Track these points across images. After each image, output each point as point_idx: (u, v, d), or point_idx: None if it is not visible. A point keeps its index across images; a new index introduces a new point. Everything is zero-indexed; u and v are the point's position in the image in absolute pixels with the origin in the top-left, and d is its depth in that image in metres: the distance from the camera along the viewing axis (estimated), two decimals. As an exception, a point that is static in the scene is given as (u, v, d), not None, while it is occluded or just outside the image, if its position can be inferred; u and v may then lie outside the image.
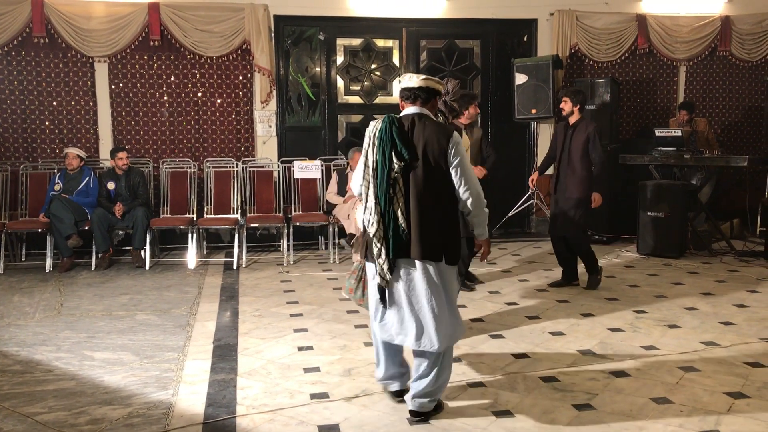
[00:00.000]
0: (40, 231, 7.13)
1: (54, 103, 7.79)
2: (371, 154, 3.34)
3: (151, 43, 7.79)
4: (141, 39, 7.78)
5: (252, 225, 7.55)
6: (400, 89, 3.47)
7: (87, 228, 7.07)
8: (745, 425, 3.34)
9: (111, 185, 7.28)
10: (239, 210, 7.75)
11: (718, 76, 9.18)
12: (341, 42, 8.62)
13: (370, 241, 3.35)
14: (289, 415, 3.48)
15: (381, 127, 3.32)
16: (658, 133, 7.79)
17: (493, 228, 7.67)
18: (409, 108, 3.42)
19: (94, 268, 7.01)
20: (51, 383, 3.93)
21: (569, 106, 5.96)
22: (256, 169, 7.98)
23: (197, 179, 7.86)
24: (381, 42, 8.73)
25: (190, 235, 7.26)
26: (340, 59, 8.63)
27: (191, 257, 7.19)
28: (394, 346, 3.53)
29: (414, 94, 3.39)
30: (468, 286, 5.98)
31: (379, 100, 8.76)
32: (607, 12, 8.71)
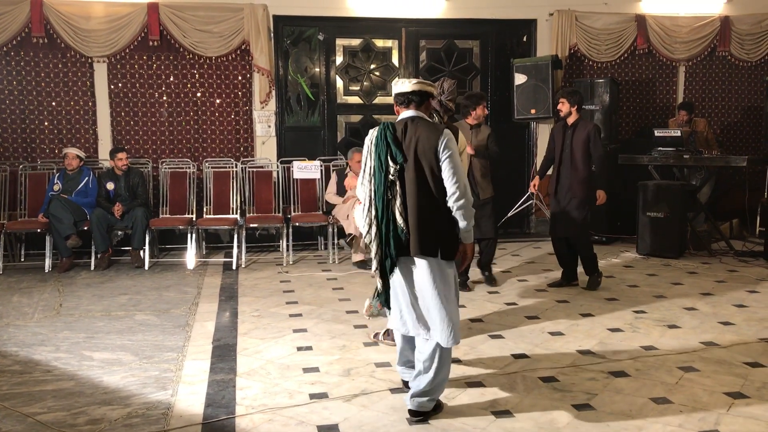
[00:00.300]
0: (39, 231, 7.13)
1: (53, 104, 7.79)
2: (369, 161, 3.48)
3: (151, 44, 7.79)
4: (140, 39, 7.78)
5: (251, 225, 7.55)
6: (393, 95, 3.58)
7: (86, 228, 7.06)
8: (745, 425, 3.34)
9: (110, 185, 7.28)
10: (238, 210, 7.75)
11: (717, 76, 9.18)
12: (340, 42, 8.62)
13: (369, 243, 3.48)
14: (289, 415, 3.48)
15: (377, 134, 3.46)
16: (657, 134, 7.79)
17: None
18: (404, 112, 3.53)
19: (93, 268, 7.01)
20: (50, 383, 3.93)
21: (566, 106, 5.96)
22: (255, 170, 7.97)
23: (196, 179, 7.86)
24: (380, 42, 8.73)
25: (189, 236, 7.26)
26: (339, 59, 8.63)
27: (190, 257, 7.19)
28: (414, 344, 3.59)
29: (407, 98, 3.50)
30: (468, 287, 5.99)
31: (379, 100, 8.76)
32: (607, 12, 8.71)
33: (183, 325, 5.06)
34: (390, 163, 3.38)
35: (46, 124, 7.80)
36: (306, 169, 7.66)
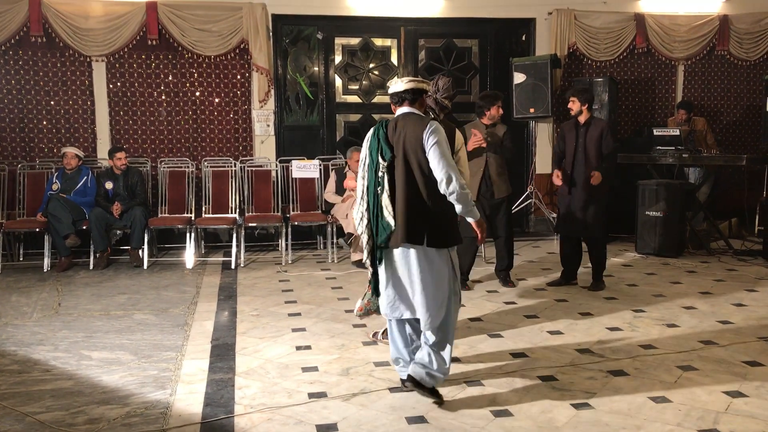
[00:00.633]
0: (37, 230, 7.13)
1: (51, 103, 7.78)
2: (366, 158, 3.67)
3: (149, 43, 7.79)
4: (139, 38, 7.77)
5: (250, 224, 7.54)
6: (390, 95, 3.74)
7: (85, 227, 7.06)
8: (744, 424, 3.34)
9: (109, 185, 7.27)
10: (237, 209, 7.75)
11: (716, 75, 9.18)
12: (339, 41, 8.61)
13: (362, 234, 3.68)
14: (287, 415, 3.48)
15: (371, 132, 3.66)
16: (656, 133, 7.79)
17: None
18: (398, 110, 3.70)
19: (92, 267, 7.00)
20: (48, 383, 3.93)
21: (577, 105, 5.87)
22: (254, 169, 7.97)
23: (195, 179, 7.86)
24: (379, 41, 8.73)
25: (188, 235, 7.26)
26: (338, 58, 8.62)
27: (189, 257, 7.19)
28: (404, 329, 3.75)
29: (400, 97, 3.67)
30: (467, 286, 5.98)
31: (378, 99, 8.76)
32: (606, 11, 8.71)
33: (182, 325, 5.05)
34: (380, 159, 3.57)
35: (44, 123, 7.80)
36: (305, 169, 7.66)
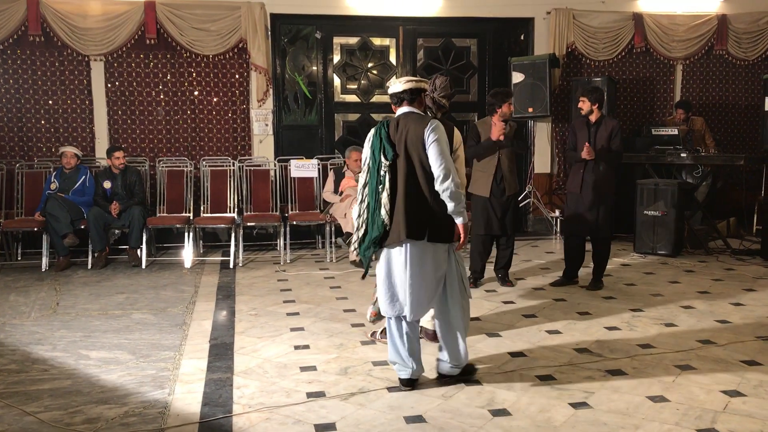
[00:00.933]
0: (36, 230, 7.13)
1: (50, 102, 7.77)
2: (368, 157, 3.74)
3: (148, 42, 7.78)
4: (137, 37, 7.77)
5: (248, 224, 7.54)
6: (389, 95, 3.83)
7: (83, 227, 7.05)
8: (742, 423, 3.34)
9: (107, 184, 7.26)
10: (236, 209, 7.74)
11: (714, 74, 9.19)
12: (338, 40, 8.61)
13: (358, 228, 3.76)
14: (286, 414, 3.48)
15: (373, 132, 3.73)
16: (654, 132, 7.79)
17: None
18: (398, 110, 3.78)
19: (90, 267, 6.99)
20: (47, 382, 3.92)
21: (587, 105, 5.86)
22: (252, 168, 7.97)
23: (194, 178, 7.85)
24: (378, 40, 8.72)
25: (186, 234, 7.25)
26: (336, 58, 8.62)
27: (187, 256, 7.18)
28: (401, 327, 3.77)
29: (399, 97, 3.75)
30: (479, 283, 6.05)
31: (376, 98, 8.76)
32: (604, 11, 8.71)
33: (180, 324, 5.05)
34: (381, 159, 3.64)
35: (42, 122, 7.79)
36: (303, 168, 7.66)
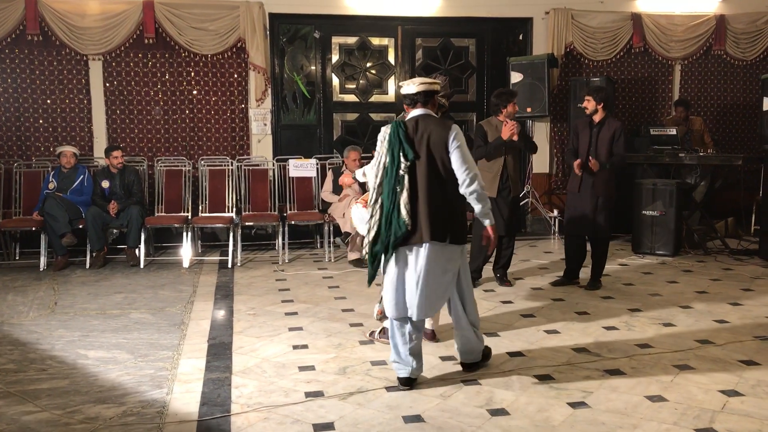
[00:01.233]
0: (34, 229, 7.11)
1: (48, 102, 7.76)
2: (382, 157, 3.74)
3: (146, 41, 7.77)
4: (135, 37, 7.76)
5: (247, 223, 7.54)
6: (402, 96, 3.89)
7: (81, 226, 7.04)
8: (740, 423, 3.34)
9: (105, 184, 7.26)
10: (234, 208, 7.74)
11: (713, 74, 9.20)
12: (336, 40, 8.61)
13: (370, 229, 3.76)
14: (284, 414, 3.48)
15: (390, 132, 3.73)
16: (653, 132, 7.79)
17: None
18: (412, 111, 3.83)
19: (88, 266, 6.99)
20: (45, 382, 3.92)
21: (592, 104, 5.80)
22: (251, 168, 7.96)
23: (192, 178, 7.84)
24: (376, 40, 8.72)
25: (184, 234, 7.25)
26: (335, 57, 8.62)
27: (186, 256, 7.18)
28: (404, 327, 3.80)
29: (413, 99, 3.81)
30: (477, 283, 6.03)
31: (375, 98, 8.76)
32: (603, 11, 8.72)
33: (178, 324, 5.05)
34: (401, 159, 3.65)
35: (41, 122, 7.78)
36: (302, 168, 7.66)
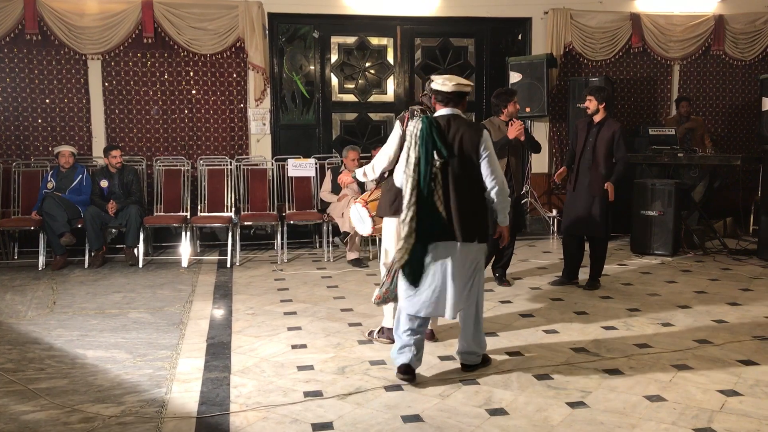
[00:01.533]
0: (32, 229, 7.11)
1: (47, 101, 7.75)
2: (413, 151, 3.73)
3: (145, 41, 7.77)
4: (134, 36, 7.75)
5: (246, 223, 7.53)
6: (433, 90, 3.92)
7: (80, 226, 7.04)
8: (738, 423, 3.35)
9: (104, 183, 7.25)
10: (233, 208, 7.74)
11: (711, 75, 9.21)
12: (335, 40, 8.61)
13: (400, 226, 3.78)
14: (283, 413, 3.48)
15: (422, 128, 3.74)
16: (652, 132, 7.80)
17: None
18: (443, 110, 3.89)
19: (87, 266, 6.99)
20: (43, 381, 3.92)
21: (594, 104, 5.79)
22: (250, 167, 7.96)
23: (191, 177, 7.84)
24: (375, 40, 8.73)
25: (183, 233, 7.24)
26: (334, 57, 8.62)
27: (185, 255, 7.17)
28: (414, 319, 3.86)
29: (446, 97, 3.86)
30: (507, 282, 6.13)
31: (374, 98, 8.77)
32: (602, 11, 8.72)
33: (177, 323, 5.05)
34: (435, 157, 3.71)
35: (39, 121, 7.77)
36: (301, 167, 7.66)
